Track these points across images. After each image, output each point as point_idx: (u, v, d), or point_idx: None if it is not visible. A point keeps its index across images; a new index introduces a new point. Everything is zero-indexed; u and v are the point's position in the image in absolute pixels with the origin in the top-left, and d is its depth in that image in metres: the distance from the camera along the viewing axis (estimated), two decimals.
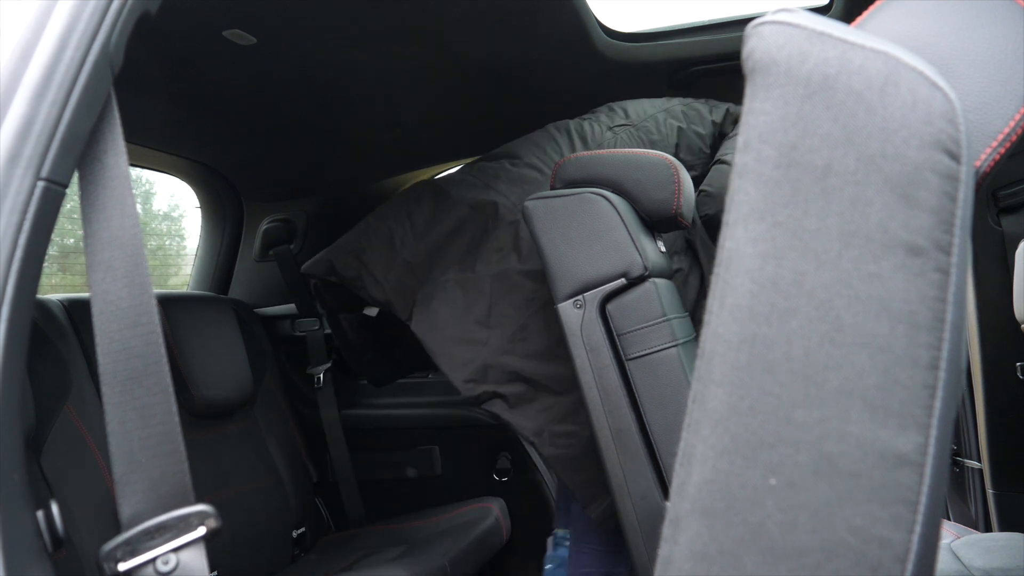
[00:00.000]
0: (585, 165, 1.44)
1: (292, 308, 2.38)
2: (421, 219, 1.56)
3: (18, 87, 0.58)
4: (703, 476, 0.45)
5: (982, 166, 0.46)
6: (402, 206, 1.60)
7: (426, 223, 1.55)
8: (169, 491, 0.60)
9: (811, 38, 0.45)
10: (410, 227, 1.56)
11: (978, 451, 1.79)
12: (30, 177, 0.57)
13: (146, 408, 0.60)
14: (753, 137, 0.46)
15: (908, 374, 0.41)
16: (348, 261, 1.57)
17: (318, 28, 1.50)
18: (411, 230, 1.55)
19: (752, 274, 0.45)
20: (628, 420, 1.30)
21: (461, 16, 1.51)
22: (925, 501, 0.41)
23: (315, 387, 2.32)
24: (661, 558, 0.46)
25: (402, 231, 1.55)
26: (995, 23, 0.49)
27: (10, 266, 0.56)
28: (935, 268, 0.42)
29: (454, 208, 1.55)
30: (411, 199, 1.61)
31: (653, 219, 1.41)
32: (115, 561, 0.58)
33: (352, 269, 1.56)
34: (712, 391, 0.45)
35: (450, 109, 1.99)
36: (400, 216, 1.56)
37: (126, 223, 0.62)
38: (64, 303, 1.66)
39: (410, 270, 1.54)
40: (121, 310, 0.61)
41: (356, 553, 1.93)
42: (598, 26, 1.72)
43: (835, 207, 0.44)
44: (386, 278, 1.53)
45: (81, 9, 0.61)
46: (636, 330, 1.31)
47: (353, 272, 1.56)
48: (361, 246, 1.57)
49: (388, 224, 1.57)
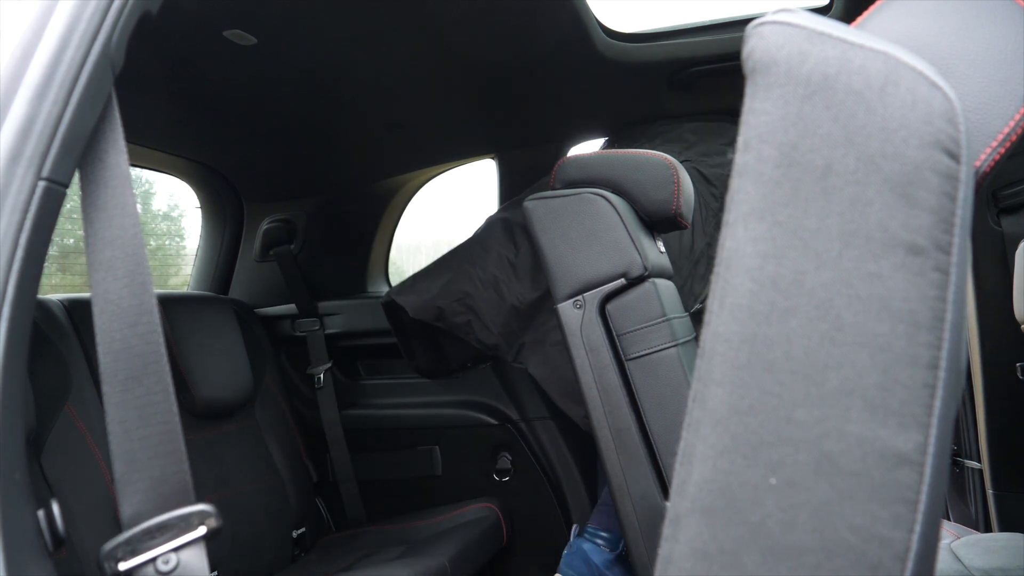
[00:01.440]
0: (585, 165, 1.44)
1: (292, 308, 2.38)
2: (524, 267, 1.66)
3: (19, 87, 0.59)
4: (703, 475, 0.45)
5: (982, 166, 0.46)
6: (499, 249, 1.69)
7: (528, 271, 1.66)
8: (169, 490, 0.60)
9: (811, 38, 0.45)
10: (514, 274, 1.67)
11: (978, 451, 1.79)
12: (31, 177, 0.57)
13: (146, 407, 0.60)
14: (753, 137, 0.46)
15: (908, 373, 0.41)
16: (457, 308, 1.70)
17: (318, 28, 1.50)
18: (516, 277, 1.67)
19: (752, 273, 0.45)
20: (628, 420, 1.30)
21: (461, 16, 1.51)
22: (925, 500, 0.41)
23: (315, 387, 2.32)
24: (661, 557, 0.46)
25: (506, 278, 1.67)
26: (995, 23, 0.49)
27: (11, 266, 0.56)
28: (935, 267, 0.42)
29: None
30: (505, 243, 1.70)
31: (653, 219, 1.41)
32: (116, 560, 0.58)
33: (461, 316, 1.70)
34: (712, 390, 0.45)
35: (450, 109, 1.99)
36: (502, 263, 1.67)
37: (127, 223, 0.62)
38: (64, 303, 1.66)
39: (516, 314, 1.66)
40: (122, 309, 0.61)
41: (356, 553, 1.93)
42: (598, 26, 1.72)
43: (835, 207, 0.44)
44: (495, 323, 1.66)
45: (82, 9, 0.61)
46: (636, 330, 1.31)
47: (463, 319, 1.70)
48: (468, 292, 1.68)
49: (493, 273, 1.67)
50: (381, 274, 2.59)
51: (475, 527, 1.94)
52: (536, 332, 1.65)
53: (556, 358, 1.62)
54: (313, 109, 1.90)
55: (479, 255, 1.72)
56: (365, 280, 2.51)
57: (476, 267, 1.71)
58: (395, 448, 2.29)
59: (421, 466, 2.25)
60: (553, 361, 1.62)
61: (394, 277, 2.64)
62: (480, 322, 1.69)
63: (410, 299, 1.78)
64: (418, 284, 1.79)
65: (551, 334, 1.63)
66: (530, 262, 1.67)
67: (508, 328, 1.67)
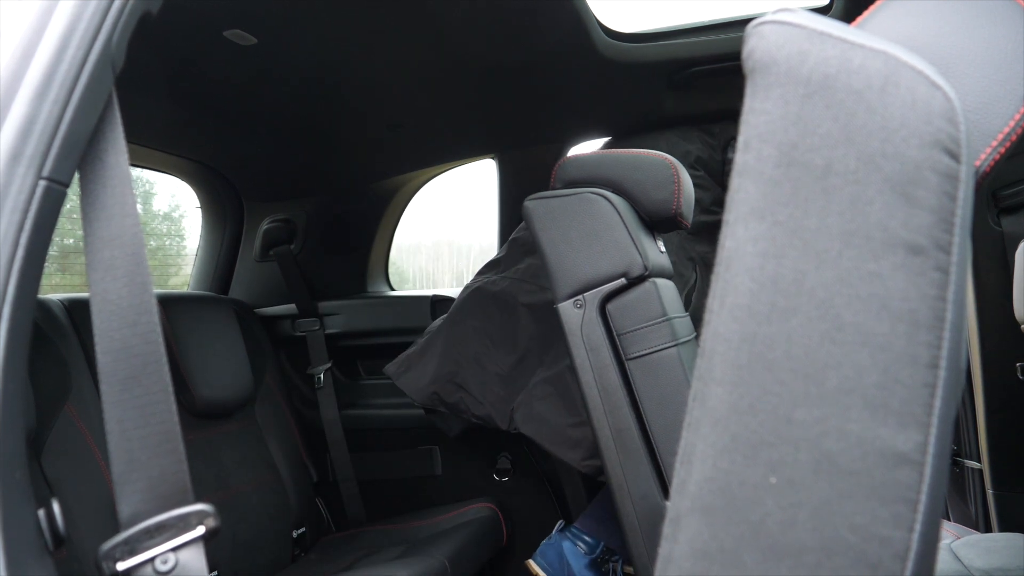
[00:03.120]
0: (585, 165, 1.44)
1: (292, 308, 2.38)
2: (499, 335, 1.78)
3: (20, 86, 0.59)
4: (703, 474, 0.45)
5: (982, 166, 0.46)
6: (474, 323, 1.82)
7: (504, 337, 1.78)
8: (168, 490, 0.60)
9: (811, 38, 0.45)
10: (491, 344, 1.79)
11: (978, 451, 1.79)
12: (32, 176, 0.57)
13: (145, 407, 0.60)
14: (753, 136, 0.46)
15: (908, 373, 0.41)
16: (449, 389, 1.82)
17: (318, 28, 1.50)
18: (493, 347, 1.79)
19: (752, 273, 0.45)
20: (628, 419, 1.30)
21: (461, 16, 1.51)
22: (925, 499, 0.41)
23: (315, 387, 2.32)
24: (661, 556, 0.46)
25: (486, 351, 1.79)
26: (995, 23, 0.49)
27: (11, 265, 0.56)
28: (935, 267, 0.42)
29: (522, 318, 1.76)
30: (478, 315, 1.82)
31: (653, 219, 1.41)
32: (114, 560, 0.58)
33: (454, 395, 1.81)
34: (712, 390, 0.45)
35: (450, 109, 1.99)
36: (479, 336, 1.80)
37: (126, 222, 0.62)
38: (65, 303, 1.66)
39: (502, 382, 1.75)
40: (121, 309, 0.61)
41: (356, 553, 1.93)
42: (598, 26, 1.71)
43: (835, 206, 0.44)
44: (483, 395, 1.77)
45: (83, 9, 0.61)
46: (636, 330, 1.31)
47: (455, 398, 1.81)
48: (455, 371, 1.81)
49: (473, 348, 1.80)
50: (381, 274, 2.59)
51: (475, 527, 1.94)
52: (523, 395, 1.73)
53: (544, 411, 1.69)
54: (313, 109, 1.90)
55: (459, 335, 1.83)
56: (365, 280, 2.51)
57: (458, 346, 1.82)
58: (395, 448, 2.29)
59: (421, 466, 2.26)
60: (542, 415, 1.69)
61: (394, 277, 2.64)
62: (472, 397, 1.79)
63: (409, 385, 1.88)
64: (412, 369, 1.88)
65: (536, 391, 1.71)
66: (503, 327, 1.78)
67: (496, 396, 1.76)
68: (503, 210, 2.29)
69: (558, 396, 1.67)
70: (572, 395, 1.64)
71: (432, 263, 4.59)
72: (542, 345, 1.74)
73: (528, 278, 1.79)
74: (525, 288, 1.78)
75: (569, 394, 1.65)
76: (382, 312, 2.36)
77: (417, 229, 4.09)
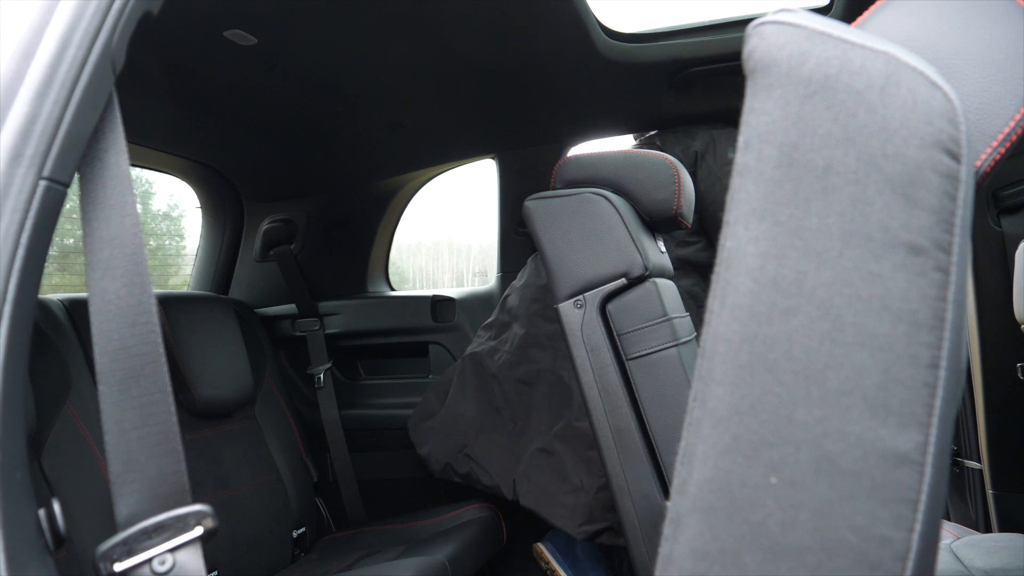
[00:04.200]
0: (585, 165, 1.44)
1: (292, 308, 2.38)
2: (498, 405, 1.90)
3: (20, 86, 0.58)
4: (704, 475, 0.45)
5: (982, 166, 0.46)
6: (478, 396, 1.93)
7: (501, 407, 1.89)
8: (166, 491, 0.60)
9: (812, 38, 0.45)
10: (494, 411, 1.90)
11: (978, 451, 1.79)
12: (32, 176, 0.57)
13: (144, 407, 0.60)
14: (754, 136, 0.46)
15: (908, 373, 0.41)
16: (461, 459, 1.94)
17: (318, 28, 1.50)
18: (496, 411, 1.90)
19: (753, 273, 0.45)
20: (628, 420, 1.30)
21: (461, 16, 1.51)
22: (925, 500, 0.41)
23: (315, 387, 2.32)
24: (662, 557, 0.46)
25: (491, 422, 1.89)
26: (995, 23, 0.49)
27: (12, 265, 0.56)
28: (935, 267, 0.42)
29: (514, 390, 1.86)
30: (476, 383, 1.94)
31: (653, 219, 1.41)
32: (111, 561, 0.58)
33: (465, 467, 1.93)
34: (713, 390, 0.45)
35: (450, 109, 1.99)
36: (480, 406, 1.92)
37: (126, 222, 0.62)
38: (64, 303, 1.66)
39: (507, 451, 1.85)
40: (120, 309, 0.60)
41: (356, 553, 1.93)
42: (598, 26, 1.71)
43: (836, 206, 0.44)
44: (491, 465, 1.87)
45: (83, 9, 0.61)
46: (636, 330, 1.31)
47: (466, 469, 1.93)
48: (464, 443, 1.93)
49: (478, 421, 1.91)
50: (381, 274, 2.59)
51: (475, 527, 1.93)
52: (523, 465, 1.79)
53: (540, 481, 1.76)
54: (313, 109, 1.90)
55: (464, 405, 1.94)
56: (365, 280, 2.51)
57: (465, 418, 1.93)
58: (395, 448, 2.29)
59: (421, 466, 2.26)
60: (539, 485, 1.76)
61: (394, 277, 2.64)
62: (480, 467, 1.89)
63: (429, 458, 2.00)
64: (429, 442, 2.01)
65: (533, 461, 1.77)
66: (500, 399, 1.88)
67: (500, 467, 1.85)
68: (503, 210, 2.29)
69: (549, 466, 1.75)
70: (563, 464, 1.73)
71: (432, 263, 4.59)
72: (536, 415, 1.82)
73: (514, 349, 1.89)
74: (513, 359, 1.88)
75: (560, 463, 1.73)
76: (382, 312, 2.36)
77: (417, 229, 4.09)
